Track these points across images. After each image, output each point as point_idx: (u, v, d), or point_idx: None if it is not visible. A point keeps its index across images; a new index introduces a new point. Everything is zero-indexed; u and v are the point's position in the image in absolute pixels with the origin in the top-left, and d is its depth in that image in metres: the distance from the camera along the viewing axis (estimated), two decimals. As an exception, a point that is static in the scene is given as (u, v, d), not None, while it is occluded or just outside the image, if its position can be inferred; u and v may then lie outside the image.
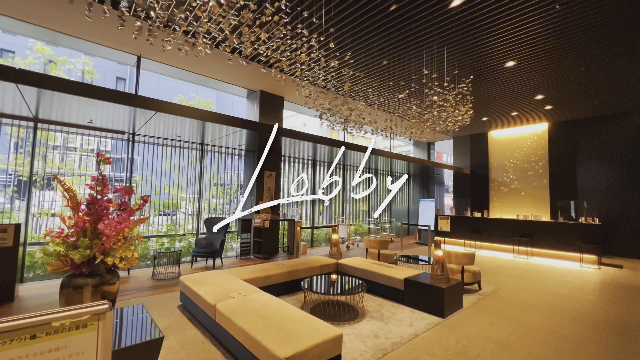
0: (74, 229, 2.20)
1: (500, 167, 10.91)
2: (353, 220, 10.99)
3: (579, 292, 5.03)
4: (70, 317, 1.31)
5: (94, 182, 2.31)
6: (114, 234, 2.24)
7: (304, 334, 2.29)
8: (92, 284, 2.19)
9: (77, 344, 1.32)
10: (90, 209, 2.25)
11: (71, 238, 2.18)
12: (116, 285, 2.35)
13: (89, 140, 6.31)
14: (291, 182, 8.86)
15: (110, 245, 2.24)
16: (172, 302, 4.05)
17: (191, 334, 3.13)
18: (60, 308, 1.34)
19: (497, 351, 2.92)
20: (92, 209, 2.25)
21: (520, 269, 6.73)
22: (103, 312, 1.39)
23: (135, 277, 5.29)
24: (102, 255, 2.18)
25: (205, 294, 3.25)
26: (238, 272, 4.17)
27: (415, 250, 8.98)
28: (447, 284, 3.88)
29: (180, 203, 7.29)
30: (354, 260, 5.15)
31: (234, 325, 2.58)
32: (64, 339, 1.30)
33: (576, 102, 7.76)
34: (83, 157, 6.76)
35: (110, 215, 2.40)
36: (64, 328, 1.30)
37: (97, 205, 2.27)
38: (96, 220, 2.26)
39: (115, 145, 6.61)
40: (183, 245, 7.08)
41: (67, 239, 2.16)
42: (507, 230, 8.81)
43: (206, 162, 7.27)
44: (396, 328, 3.36)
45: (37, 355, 1.23)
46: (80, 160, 6.81)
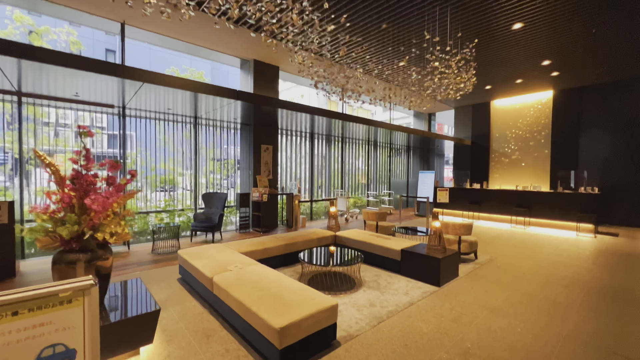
0: (61, 205, 2.14)
1: (501, 138, 10.72)
2: (352, 193, 11.00)
3: (574, 260, 5.10)
4: (53, 293, 1.28)
5: (76, 156, 2.22)
6: (102, 210, 2.18)
7: (299, 305, 2.31)
8: (84, 259, 2.16)
9: (63, 319, 1.30)
10: (75, 184, 2.18)
11: (58, 214, 2.13)
12: (109, 260, 2.33)
13: (83, 117, 6.11)
14: (289, 156, 8.74)
15: (99, 220, 2.19)
16: (172, 275, 4.11)
17: (190, 305, 3.19)
18: (43, 284, 1.30)
19: (490, 317, 2.99)
20: (77, 184, 2.18)
21: (517, 238, 6.80)
22: (88, 287, 1.36)
23: (136, 251, 5.35)
24: (92, 230, 2.14)
25: (203, 267, 3.27)
26: (236, 245, 4.19)
27: (413, 222, 9.06)
28: (443, 254, 3.91)
29: (177, 179, 7.23)
30: (352, 232, 5.17)
31: (231, 297, 2.60)
32: (49, 315, 1.27)
33: (584, 68, 7.43)
34: (76, 134, 6.58)
35: (98, 190, 2.33)
36: (47, 304, 1.27)
37: (82, 180, 2.19)
38: (83, 195, 2.19)
39: (109, 121, 6.42)
40: (182, 220, 7.13)
41: (54, 214, 2.10)
42: (505, 201, 8.83)
43: (201, 137, 7.11)
44: (392, 297, 3.42)
45: (20, 331, 1.21)
46: (74, 137, 6.64)
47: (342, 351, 2.36)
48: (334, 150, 10.12)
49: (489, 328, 2.78)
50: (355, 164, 11.01)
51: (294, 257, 4.56)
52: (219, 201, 6.44)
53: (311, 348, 2.26)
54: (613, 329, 2.82)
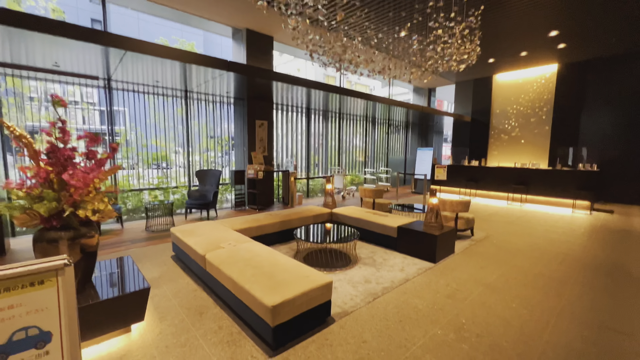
0: (37, 180, 2.00)
1: (502, 114, 10.50)
2: (349, 170, 10.90)
3: (569, 236, 5.11)
4: (21, 274, 1.18)
5: (51, 127, 2.05)
6: (83, 185, 2.05)
7: (293, 282, 2.26)
8: (67, 237, 2.07)
9: (35, 301, 1.21)
10: (51, 158, 2.03)
11: (35, 190, 2.00)
12: (95, 238, 2.24)
13: (73, 92, 5.81)
14: (285, 133, 8.52)
15: (80, 197, 2.07)
16: (166, 252, 4.06)
17: (184, 282, 3.15)
18: (9, 265, 1.20)
19: (485, 293, 2.98)
20: (53, 158, 2.03)
21: (513, 215, 6.81)
22: (61, 267, 1.26)
23: (130, 229, 5.28)
24: (72, 207, 2.02)
25: (196, 244, 3.20)
26: (230, 223, 4.12)
27: (410, 199, 9.04)
28: (440, 231, 3.87)
29: (170, 155, 7.05)
30: (348, 209, 5.12)
31: (223, 274, 2.55)
32: (18, 297, 1.18)
33: (592, 39, 7.11)
34: (66, 110, 6.29)
35: (78, 165, 2.19)
36: (16, 286, 1.18)
37: (58, 154, 2.04)
38: (61, 170, 2.05)
39: (101, 97, 6.12)
40: (177, 198, 7.03)
41: (31, 191, 1.97)
42: (503, 178, 8.78)
43: (193, 112, 6.85)
44: (388, 273, 3.40)
45: (-13, 314, 1.13)
46: (63, 113, 6.35)
47: (337, 327, 2.35)
48: (331, 126, 9.88)
49: (484, 304, 2.78)
50: (352, 141, 10.82)
51: (289, 235, 4.52)
52: (213, 178, 6.32)
53: (305, 325, 2.24)
54: (607, 304, 2.83)
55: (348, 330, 2.31)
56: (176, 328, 2.32)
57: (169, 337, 2.21)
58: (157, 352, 2.06)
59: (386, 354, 2.06)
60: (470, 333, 2.32)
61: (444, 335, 2.28)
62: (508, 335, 2.30)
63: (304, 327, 2.24)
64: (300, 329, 2.21)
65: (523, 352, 2.12)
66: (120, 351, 2.06)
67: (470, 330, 2.36)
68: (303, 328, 2.24)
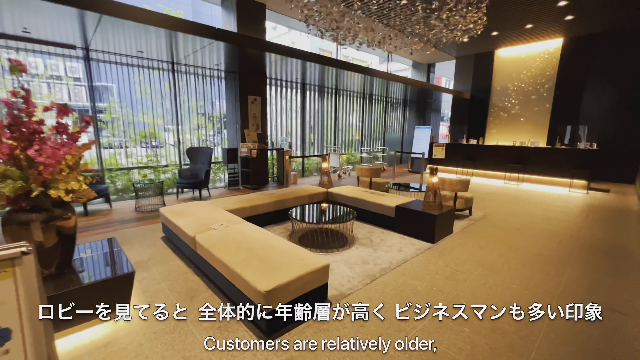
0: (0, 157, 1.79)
1: (502, 91, 10.23)
2: (345, 149, 10.69)
3: (567, 215, 5.07)
4: (-33, 264, 1.01)
5: (13, 98, 1.81)
6: (53, 163, 1.84)
7: (287, 266, 2.13)
8: (40, 219, 1.89)
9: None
10: (13, 131, 1.81)
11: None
12: (72, 219, 2.06)
13: (57, 67, 5.38)
14: (279, 110, 8.20)
15: (50, 175, 1.87)
16: (156, 233, 3.91)
17: (174, 264, 3.02)
18: (-47, 254, 1.03)
19: (484, 274, 2.92)
20: (16, 131, 1.80)
21: (510, 195, 6.76)
22: (17, 256, 1.09)
23: (119, 209, 5.10)
24: (42, 187, 1.83)
25: (185, 225, 3.05)
26: (222, 203, 3.96)
27: (407, 178, 8.94)
28: (439, 210, 3.76)
29: (160, 133, 6.74)
30: (345, 189, 4.97)
31: (214, 257, 2.41)
32: (-34, 291, 1.02)
33: (603, 10, 6.76)
34: (48, 85, 5.84)
35: (48, 140, 1.97)
36: (-38, 278, 1.01)
37: (22, 127, 1.81)
38: (27, 146, 1.84)
39: (84, 70, 5.70)
40: (168, 177, 6.81)
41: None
42: (501, 157, 8.67)
43: (182, 86, 6.48)
44: (385, 254, 3.32)
45: None
46: (46, 88, 5.92)
47: (333, 311, 2.26)
48: (327, 104, 9.55)
49: (484, 285, 2.71)
50: (349, 119, 10.52)
51: (284, 215, 4.38)
52: (204, 157, 6.09)
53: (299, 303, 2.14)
54: (607, 284, 2.79)
55: (345, 314, 2.23)
56: (165, 313, 2.21)
57: (158, 323, 2.10)
58: (144, 338, 1.95)
59: (385, 338, 1.98)
60: (472, 316, 2.25)
61: (445, 318, 2.21)
62: (510, 318, 2.23)
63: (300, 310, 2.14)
64: (295, 313, 2.11)
65: (526, 335, 2.06)
66: (105, 338, 1.94)
67: (471, 312, 2.29)
68: (299, 312, 2.14)
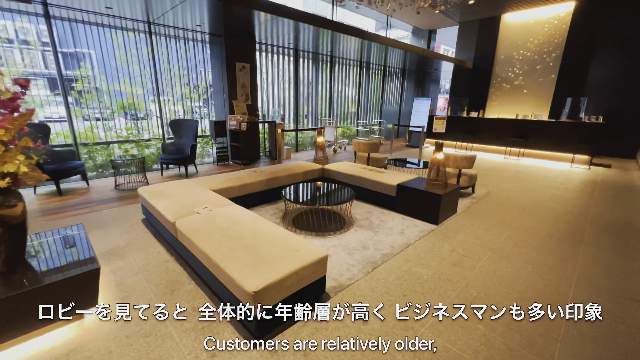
0: None
1: (507, 60, 9.69)
2: (341, 122, 10.21)
3: (572, 193, 4.88)
4: None
5: None
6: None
7: (280, 259, 1.85)
8: (-27, 208, 1.54)
9: None
10: None
11: None
12: (19, 207, 1.71)
13: (31, 30, 4.67)
14: (270, 79, 7.60)
15: (-22, 155, 1.48)
16: (136, 214, 3.58)
17: (154, 251, 2.73)
18: None
19: (494, 260, 2.70)
20: None
21: (511, 170, 6.53)
22: None
23: (97, 187, 4.72)
24: (-32, 170, 1.45)
25: (165, 209, 2.71)
26: (208, 182, 3.60)
27: (405, 153, 8.62)
28: (444, 189, 3.48)
29: (138, 103, 6.17)
30: (342, 165, 4.64)
31: (196, 247, 2.11)
32: None
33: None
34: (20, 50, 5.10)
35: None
36: None
37: None
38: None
39: (61, 35, 5.00)
40: (152, 152, 6.35)
41: None
42: (502, 130, 8.36)
43: (162, 52, 5.84)
44: (386, 237, 3.07)
45: None
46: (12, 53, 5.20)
47: (333, 306, 2.02)
48: (321, 73, 8.92)
49: (495, 272, 2.50)
50: (344, 91, 9.95)
51: (276, 194, 4.07)
52: (189, 130, 5.62)
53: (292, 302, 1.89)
54: (623, 269, 2.61)
55: (345, 314, 1.99)
56: (141, 311, 1.94)
57: (131, 324, 1.83)
58: (114, 344, 1.69)
59: (391, 338, 1.75)
60: (481, 309, 2.03)
61: (455, 312, 1.99)
62: (526, 313, 2.02)
63: (294, 308, 1.89)
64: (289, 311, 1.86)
65: (545, 332, 1.86)
66: (68, 345, 1.67)
67: (484, 304, 2.07)
68: (293, 310, 1.89)
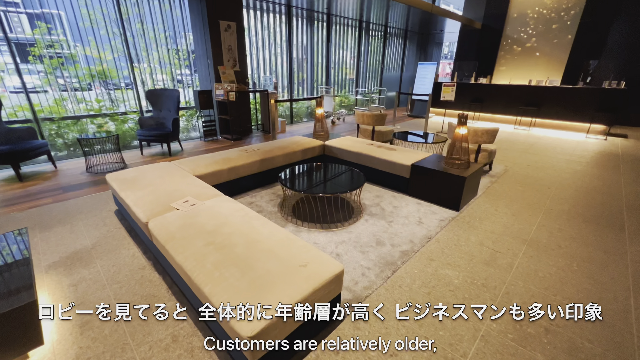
0: None
1: (519, 19, 8.82)
2: (338, 90, 9.45)
3: (595, 168, 4.47)
4: None
5: None
6: None
7: (282, 281, 1.39)
8: None
9: None
10: None
11: None
12: None
13: None
14: (261, 43, 6.74)
15: None
16: (109, 204, 3.07)
17: (127, 254, 2.25)
18: None
19: (532, 256, 2.30)
20: None
21: (524, 142, 6.06)
22: None
23: (66, 170, 4.13)
24: None
25: (136, 204, 2.20)
26: (191, 165, 3.05)
27: (408, 124, 8.04)
28: (467, 170, 3.01)
29: (109, 70, 5.37)
30: (345, 141, 4.10)
31: (173, 260, 1.64)
32: None
33: None
34: None
35: None
36: None
37: None
38: None
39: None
40: (130, 127, 5.67)
41: None
42: (513, 98, 7.76)
43: (132, 8, 4.95)
44: (403, 228, 2.64)
45: None
46: None
47: (349, 327, 1.61)
48: (317, 35, 8.01)
49: (536, 274, 2.10)
50: (342, 55, 9.07)
51: (272, 176, 3.56)
52: (169, 101, 4.94)
53: (302, 337, 1.47)
54: (681, 265, 2.24)
55: (365, 331, 1.59)
56: (105, 344, 1.50)
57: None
58: (65, 400, 1.26)
59: None
60: (536, 327, 1.65)
61: (501, 333, 1.60)
62: (586, 328, 1.65)
63: (302, 338, 1.48)
64: (294, 347, 1.45)
65: (618, 357, 1.49)
66: (1, 405, 1.24)
67: (534, 321, 1.69)
68: (300, 340, 1.47)
